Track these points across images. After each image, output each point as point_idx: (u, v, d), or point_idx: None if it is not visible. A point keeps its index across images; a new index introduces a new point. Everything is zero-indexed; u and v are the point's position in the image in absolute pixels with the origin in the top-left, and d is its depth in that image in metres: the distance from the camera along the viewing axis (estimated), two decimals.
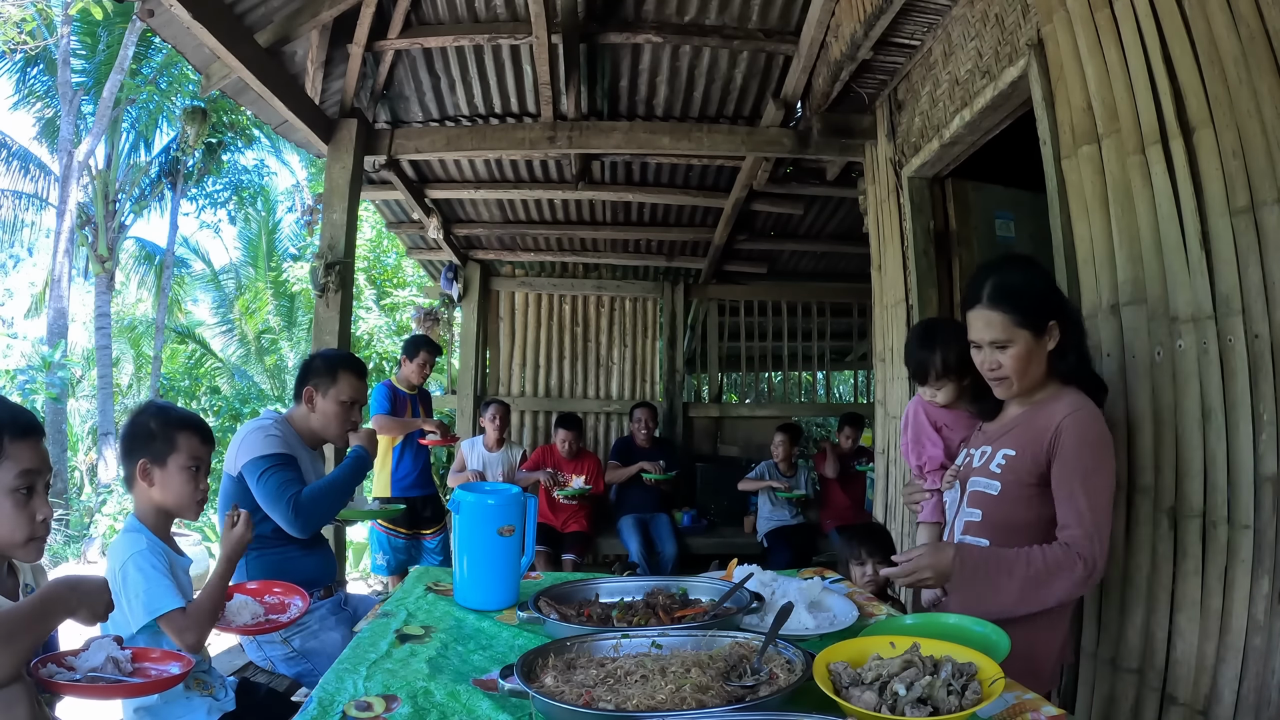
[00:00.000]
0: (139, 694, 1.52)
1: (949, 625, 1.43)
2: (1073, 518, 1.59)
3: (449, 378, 7.28)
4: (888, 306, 3.81)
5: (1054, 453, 1.64)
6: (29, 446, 1.38)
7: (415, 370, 4.62)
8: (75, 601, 1.32)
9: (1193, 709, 1.73)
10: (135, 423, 1.91)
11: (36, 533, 1.39)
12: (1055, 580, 1.56)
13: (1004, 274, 1.70)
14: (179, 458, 1.87)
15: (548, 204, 5.87)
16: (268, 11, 3.46)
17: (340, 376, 2.54)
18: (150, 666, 1.49)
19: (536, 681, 1.20)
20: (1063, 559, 1.57)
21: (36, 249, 15.13)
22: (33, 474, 1.38)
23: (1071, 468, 1.61)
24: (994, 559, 1.60)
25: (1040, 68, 2.34)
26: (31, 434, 1.39)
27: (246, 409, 13.44)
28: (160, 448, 1.86)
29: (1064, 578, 1.56)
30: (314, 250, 5.33)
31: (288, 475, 2.33)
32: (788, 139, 4.21)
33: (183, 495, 1.88)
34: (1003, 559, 1.59)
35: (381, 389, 4.53)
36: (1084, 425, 1.63)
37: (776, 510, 5.44)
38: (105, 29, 11.89)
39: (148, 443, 1.87)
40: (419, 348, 4.65)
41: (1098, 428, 1.65)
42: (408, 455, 4.63)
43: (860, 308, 7.10)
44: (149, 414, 1.92)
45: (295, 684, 2.37)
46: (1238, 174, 1.66)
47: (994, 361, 1.70)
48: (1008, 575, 1.57)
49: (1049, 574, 1.56)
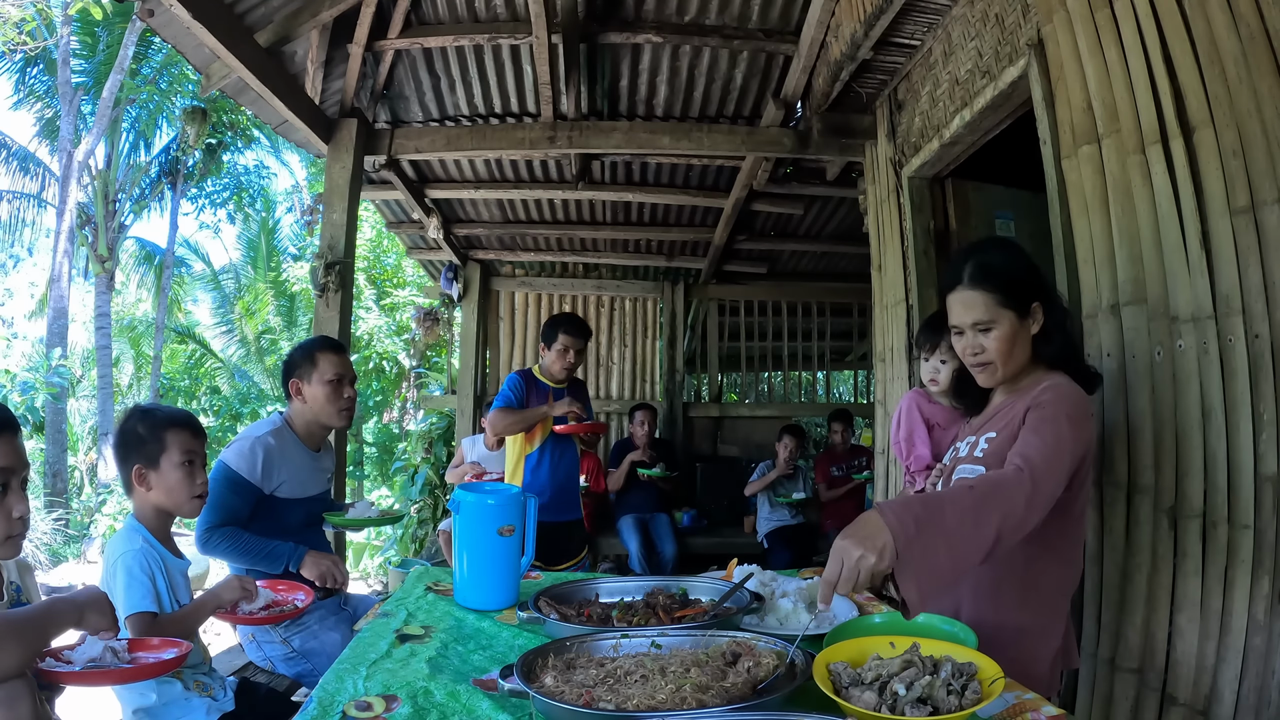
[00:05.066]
0: (138, 678, 1.52)
1: (916, 624, 1.40)
2: (1030, 444, 1.46)
3: (449, 378, 7.28)
4: (888, 306, 3.81)
5: (1028, 413, 1.55)
6: (4, 443, 1.36)
7: (555, 359, 3.60)
8: (80, 615, 1.34)
9: (1193, 709, 1.73)
10: (123, 430, 1.91)
11: (13, 530, 1.38)
12: (1003, 491, 1.36)
13: (984, 254, 1.64)
14: (171, 455, 1.87)
15: (548, 204, 5.87)
16: (268, 11, 3.46)
17: (319, 358, 2.53)
18: (147, 655, 1.49)
19: (536, 681, 1.20)
20: (1002, 474, 1.41)
21: (36, 249, 15.15)
22: (8, 471, 1.36)
23: (1046, 415, 1.51)
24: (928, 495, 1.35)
25: (1040, 68, 2.34)
26: (6, 431, 1.37)
27: (246, 409, 13.46)
28: (151, 449, 1.87)
29: (1012, 488, 1.37)
30: (314, 250, 5.33)
31: (226, 499, 2.30)
32: (788, 139, 4.21)
33: (180, 492, 1.88)
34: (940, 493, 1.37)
35: (511, 378, 3.66)
36: (1064, 392, 1.55)
37: (776, 511, 5.44)
38: (105, 29, 11.90)
39: (138, 447, 1.87)
40: (556, 329, 3.62)
41: (1076, 397, 1.56)
42: (545, 465, 3.62)
43: (860, 308, 7.10)
44: (135, 419, 1.92)
45: (295, 684, 2.37)
46: (1238, 174, 1.66)
47: (977, 346, 1.63)
48: (953, 503, 1.32)
49: (997, 489, 1.37)
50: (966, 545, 1.28)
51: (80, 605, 1.36)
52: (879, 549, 1.20)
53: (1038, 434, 1.48)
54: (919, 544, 1.22)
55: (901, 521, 1.22)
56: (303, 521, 2.48)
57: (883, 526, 1.22)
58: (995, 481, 1.40)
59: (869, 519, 1.25)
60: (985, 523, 1.30)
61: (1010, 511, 1.34)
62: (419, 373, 10.44)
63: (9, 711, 1.20)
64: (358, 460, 11.37)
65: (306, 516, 2.51)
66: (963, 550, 1.28)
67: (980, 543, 1.30)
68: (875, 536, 1.21)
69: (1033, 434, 1.49)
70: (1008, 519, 1.33)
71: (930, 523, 1.25)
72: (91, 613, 1.36)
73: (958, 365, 2.07)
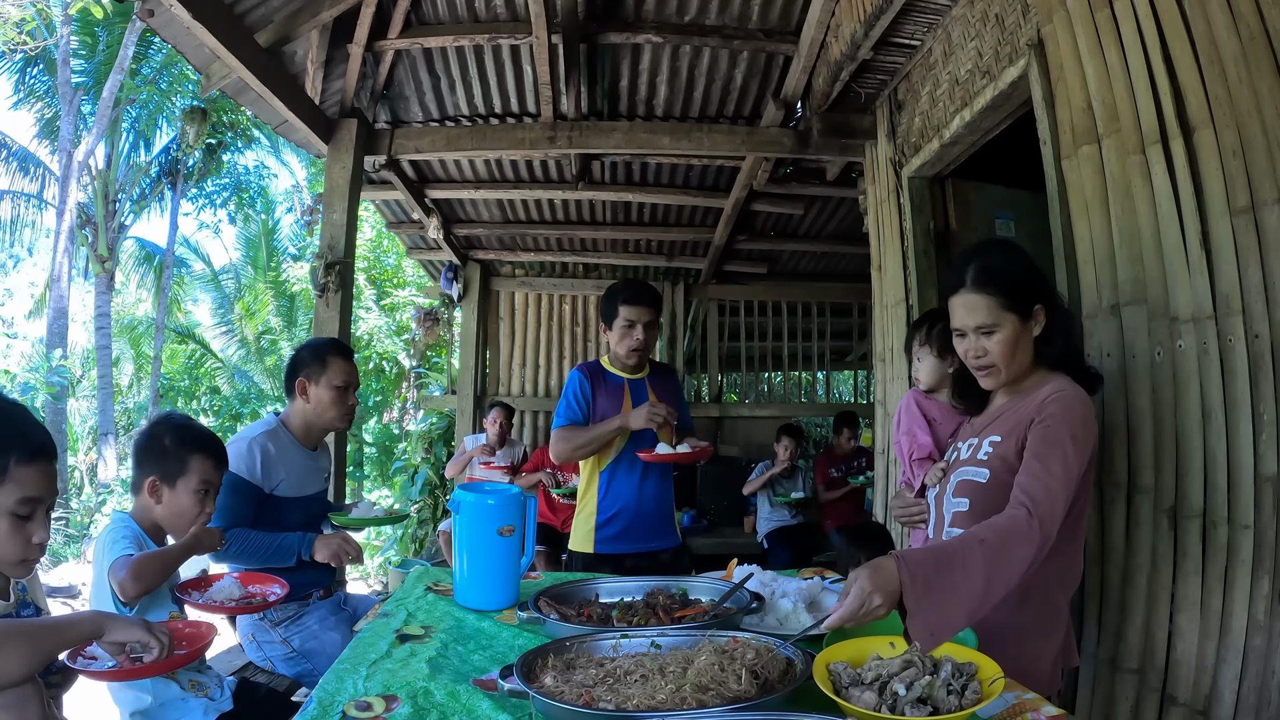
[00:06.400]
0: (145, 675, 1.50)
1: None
2: (1040, 475, 1.46)
3: (449, 378, 7.28)
4: (888, 306, 3.81)
5: (1032, 425, 1.55)
6: (37, 471, 1.29)
7: (619, 339, 2.76)
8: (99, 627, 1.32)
9: (1193, 709, 1.73)
10: (152, 435, 1.90)
11: (30, 555, 1.33)
12: (1016, 552, 1.39)
13: (986, 257, 1.64)
14: (189, 480, 1.87)
15: (548, 204, 5.87)
16: (268, 11, 3.46)
17: (330, 362, 2.53)
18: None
19: (536, 681, 1.20)
20: (1013, 524, 1.41)
21: (36, 249, 15.16)
22: (34, 502, 1.30)
23: (1052, 436, 1.51)
24: (942, 555, 1.37)
25: (1040, 68, 2.34)
26: (41, 458, 1.30)
27: (246, 409, 13.47)
28: (172, 468, 1.86)
29: (1021, 545, 1.39)
30: (314, 250, 5.33)
31: (229, 503, 2.26)
32: (788, 139, 4.21)
33: (186, 518, 1.88)
34: (952, 550, 1.38)
35: (572, 378, 2.80)
36: (1069, 403, 1.55)
37: (776, 510, 5.44)
38: (105, 29, 11.91)
39: (160, 460, 1.86)
40: (615, 300, 2.76)
41: (1082, 409, 1.56)
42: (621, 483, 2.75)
43: (860, 308, 7.10)
44: (166, 429, 1.91)
45: (295, 684, 2.37)
46: (1238, 174, 1.66)
47: (979, 349, 1.63)
48: (964, 568, 1.34)
49: (1007, 548, 1.39)
50: (976, 601, 1.34)
51: (100, 619, 1.34)
52: (890, 603, 1.29)
53: (1043, 463, 1.48)
54: (927, 601, 1.28)
55: (914, 579, 1.29)
56: (302, 521, 2.48)
57: (896, 582, 1.29)
58: (1006, 535, 1.40)
59: (888, 569, 1.30)
60: (996, 582, 1.36)
61: (1020, 567, 1.39)
62: (419, 373, 10.45)
63: (18, 715, 1.20)
64: (358, 460, 11.37)
65: (306, 516, 2.51)
66: (973, 605, 1.34)
67: (990, 597, 1.36)
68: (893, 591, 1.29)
69: (1038, 462, 1.49)
70: (1016, 572, 1.39)
71: (940, 587, 1.31)
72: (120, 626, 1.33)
73: (936, 359, 2.10)
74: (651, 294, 2.79)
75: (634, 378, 2.81)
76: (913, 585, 1.27)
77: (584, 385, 2.76)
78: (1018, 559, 1.39)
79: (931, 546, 1.48)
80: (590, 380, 2.76)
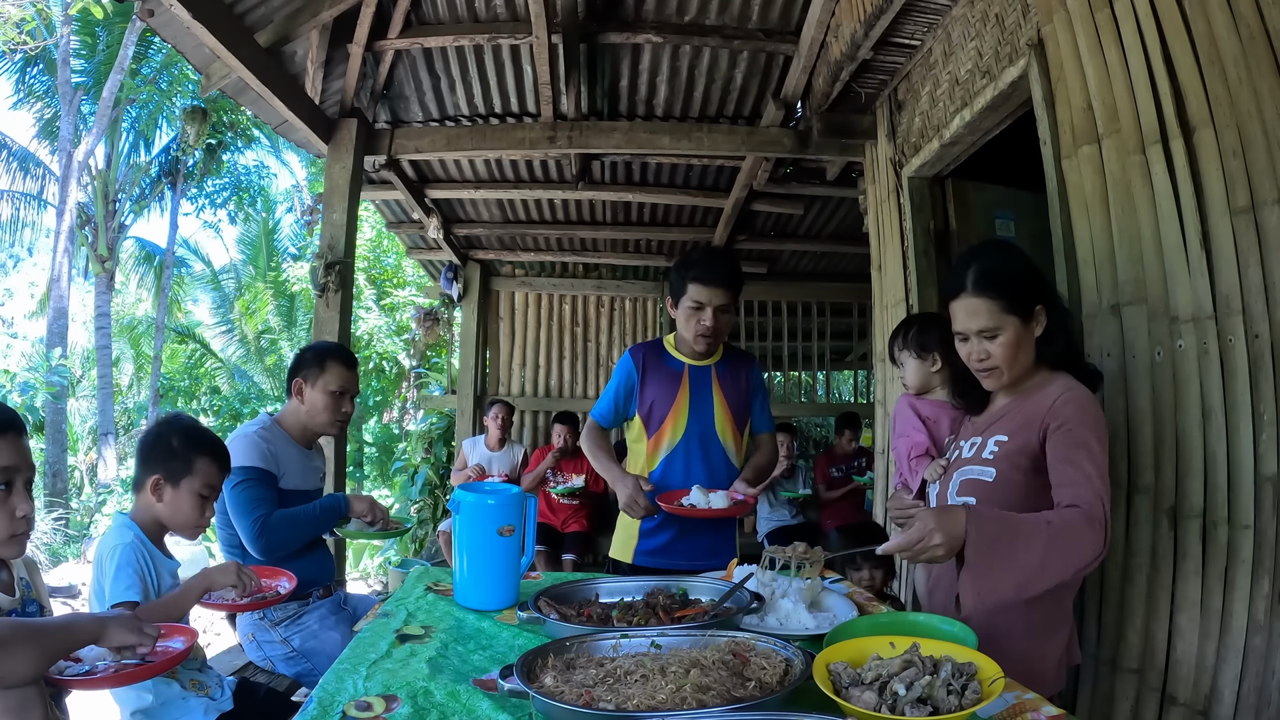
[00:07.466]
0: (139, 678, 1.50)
1: (916, 624, 1.40)
2: (1081, 480, 1.48)
3: (449, 378, 7.28)
4: (888, 306, 3.81)
5: (1049, 429, 1.56)
6: (8, 443, 1.36)
7: (685, 320, 2.42)
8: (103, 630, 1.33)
9: (1193, 709, 1.73)
10: (159, 435, 1.90)
11: (17, 529, 1.38)
12: (1077, 542, 1.42)
13: (986, 259, 1.64)
14: (193, 482, 1.87)
15: (548, 204, 5.87)
16: (268, 11, 3.46)
17: (329, 366, 2.53)
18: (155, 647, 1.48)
19: (536, 681, 1.20)
20: (1080, 520, 1.44)
21: (36, 249, 15.16)
22: (11, 471, 1.36)
23: (1076, 438, 1.53)
24: (1009, 522, 1.41)
25: (1040, 68, 2.34)
26: (10, 430, 1.37)
27: (246, 409, 13.46)
28: (177, 468, 1.86)
29: (1085, 540, 1.42)
30: (314, 250, 5.33)
31: (262, 493, 2.31)
32: (788, 139, 4.21)
33: (188, 519, 1.88)
34: (1019, 521, 1.43)
35: (623, 362, 2.50)
36: (1082, 404, 1.57)
37: (776, 510, 5.44)
38: (105, 29, 11.91)
39: (165, 460, 1.87)
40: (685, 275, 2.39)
41: (1094, 409, 1.58)
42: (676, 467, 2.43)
43: (860, 308, 7.10)
44: (173, 429, 1.91)
45: (295, 684, 2.37)
46: (1238, 174, 1.66)
47: (982, 352, 1.63)
48: (1026, 541, 1.39)
49: (1069, 536, 1.42)
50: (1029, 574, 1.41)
51: (104, 621, 1.35)
52: (951, 548, 1.35)
53: (1076, 466, 1.50)
54: (985, 560, 1.34)
55: (980, 535, 1.34)
56: None
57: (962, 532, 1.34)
58: (1074, 526, 1.44)
59: (957, 517, 1.36)
60: (1052, 565, 1.41)
61: (1077, 561, 1.44)
62: (419, 373, 10.45)
63: (21, 717, 1.20)
64: (358, 460, 11.37)
65: None
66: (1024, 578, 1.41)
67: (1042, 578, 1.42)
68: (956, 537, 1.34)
69: (1071, 467, 1.51)
70: (1073, 564, 1.44)
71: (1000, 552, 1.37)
72: (116, 629, 1.35)
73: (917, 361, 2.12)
74: (730, 272, 2.36)
75: (698, 364, 2.45)
76: (978, 540, 1.33)
77: (631, 375, 2.44)
78: (1077, 552, 1.42)
79: (1001, 512, 1.50)
80: (642, 366, 2.43)
